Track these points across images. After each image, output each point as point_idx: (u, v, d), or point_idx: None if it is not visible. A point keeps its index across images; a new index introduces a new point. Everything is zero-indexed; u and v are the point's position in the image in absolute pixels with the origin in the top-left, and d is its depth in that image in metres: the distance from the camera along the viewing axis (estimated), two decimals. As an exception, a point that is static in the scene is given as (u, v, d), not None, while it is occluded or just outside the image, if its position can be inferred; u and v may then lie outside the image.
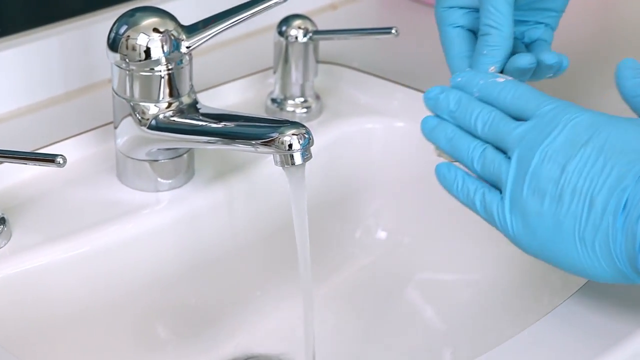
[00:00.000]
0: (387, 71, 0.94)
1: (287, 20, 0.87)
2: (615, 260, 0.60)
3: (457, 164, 0.68)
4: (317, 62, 0.88)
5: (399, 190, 0.91)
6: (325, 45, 0.92)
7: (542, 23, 0.78)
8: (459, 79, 0.69)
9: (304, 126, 0.72)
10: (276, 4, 0.77)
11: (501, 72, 0.73)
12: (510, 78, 0.68)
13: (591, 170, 0.60)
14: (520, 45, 0.78)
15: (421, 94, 0.70)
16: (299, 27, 0.86)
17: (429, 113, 0.70)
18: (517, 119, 0.65)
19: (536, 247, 0.63)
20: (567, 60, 0.75)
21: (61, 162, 0.67)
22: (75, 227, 0.76)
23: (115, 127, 0.78)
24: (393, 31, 0.84)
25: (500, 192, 0.64)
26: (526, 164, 0.63)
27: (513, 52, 0.75)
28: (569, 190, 0.61)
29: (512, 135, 0.64)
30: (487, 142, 0.66)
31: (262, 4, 0.77)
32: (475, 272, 0.88)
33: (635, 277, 0.60)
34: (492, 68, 0.72)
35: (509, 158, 0.64)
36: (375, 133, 0.91)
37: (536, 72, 0.75)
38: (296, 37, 0.86)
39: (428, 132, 0.69)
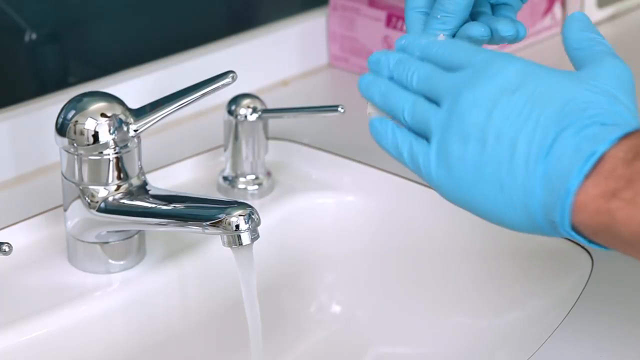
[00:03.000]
0: (338, 146, 0.95)
1: (236, 100, 0.88)
2: (531, 209, 0.59)
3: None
4: (267, 139, 0.89)
5: (351, 264, 0.92)
6: (276, 122, 0.93)
7: None
8: (403, 42, 0.68)
9: (251, 207, 0.73)
10: (224, 85, 0.78)
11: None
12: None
13: (518, 117, 0.60)
14: (485, 3, 0.75)
15: (371, 169, 0.70)
16: (248, 106, 0.87)
17: (380, 188, 0.70)
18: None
19: (458, 193, 0.62)
20: (524, 30, 0.73)
21: (7, 250, 0.67)
22: (25, 312, 0.76)
23: (65, 210, 0.79)
24: (340, 109, 0.85)
25: (429, 142, 0.64)
26: (454, 110, 0.62)
27: (474, 12, 0.73)
28: (493, 135, 0.60)
29: (445, 83, 0.63)
30: (422, 95, 0.65)
31: (209, 86, 0.78)
32: (430, 345, 0.88)
33: (548, 229, 0.60)
34: (441, 35, 0.71)
35: (440, 107, 0.63)
36: (327, 208, 0.92)
37: (492, 40, 0.73)
38: (245, 116, 0.87)
39: (364, 88, 0.67)
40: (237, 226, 0.72)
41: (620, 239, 0.56)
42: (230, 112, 0.88)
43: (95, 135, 0.75)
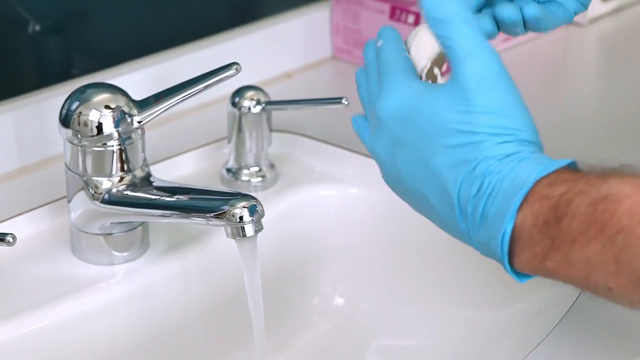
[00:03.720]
0: (341, 139, 0.95)
1: (239, 92, 0.88)
2: (472, 244, 0.62)
3: None
4: (271, 131, 0.89)
5: (355, 257, 0.92)
6: (280, 114, 0.93)
7: None
8: (379, 34, 0.68)
9: (254, 198, 0.73)
10: (227, 77, 0.78)
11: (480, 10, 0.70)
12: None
13: (416, 171, 0.61)
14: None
15: (375, 161, 0.71)
16: (252, 98, 0.87)
17: (383, 180, 0.70)
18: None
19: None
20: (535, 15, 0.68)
21: (11, 240, 0.67)
22: (29, 303, 0.76)
23: (69, 202, 0.79)
24: (343, 101, 0.85)
25: None
26: (373, 156, 0.65)
27: None
28: (410, 189, 0.62)
29: (370, 105, 0.65)
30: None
31: (213, 78, 0.78)
32: (433, 338, 0.88)
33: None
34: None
35: None
36: (330, 200, 0.92)
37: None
38: (249, 108, 0.87)
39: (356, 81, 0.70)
40: (241, 218, 0.72)
41: (570, 285, 0.59)
42: (233, 104, 0.88)
43: (99, 127, 0.75)
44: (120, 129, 0.75)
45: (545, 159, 0.59)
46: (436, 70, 0.67)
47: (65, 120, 0.76)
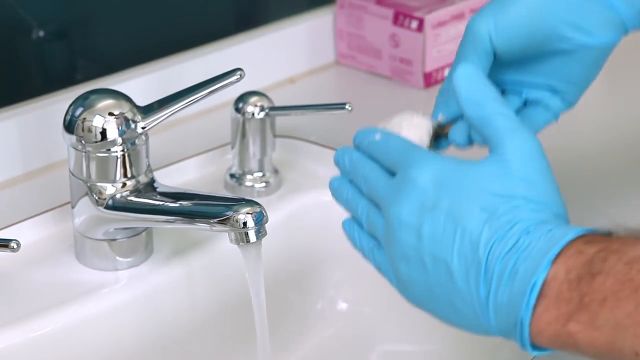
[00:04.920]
0: (345, 143, 0.94)
1: (243, 97, 0.88)
2: (487, 330, 0.59)
3: None
4: (275, 136, 0.90)
5: (358, 262, 0.91)
6: (283, 120, 0.93)
7: (543, 86, 0.73)
8: (356, 138, 0.68)
9: (258, 204, 0.73)
10: (231, 83, 0.78)
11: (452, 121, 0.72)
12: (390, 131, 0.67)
13: (443, 236, 0.59)
14: (515, 99, 0.74)
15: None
16: (255, 104, 0.88)
17: None
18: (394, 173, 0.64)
19: (419, 305, 0.63)
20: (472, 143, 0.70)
21: (15, 246, 0.67)
22: (33, 308, 0.76)
23: (73, 207, 0.79)
24: (347, 107, 0.85)
25: None
26: (388, 227, 0.62)
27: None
28: (429, 258, 0.60)
29: (381, 191, 0.63)
30: (371, 200, 0.65)
31: (217, 84, 0.78)
32: (436, 343, 0.88)
33: (518, 343, 0.59)
34: (440, 116, 0.71)
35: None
36: (334, 205, 0.90)
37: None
38: (253, 114, 0.87)
39: (333, 192, 0.69)
40: (245, 223, 0.72)
41: (588, 354, 0.56)
42: (237, 110, 0.88)
43: (103, 133, 0.75)
44: (124, 134, 0.76)
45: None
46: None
47: (69, 126, 0.76)
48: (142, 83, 0.95)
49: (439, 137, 0.72)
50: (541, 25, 0.68)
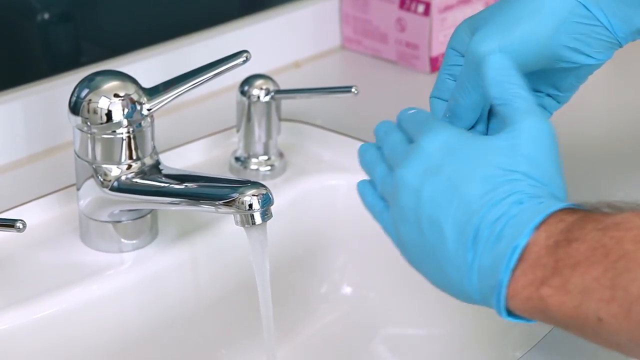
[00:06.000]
0: (350, 128, 0.95)
1: (248, 80, 0.88)
2: (469, 294, 0.61)
3: None
4: (280, 120, 0.89)
5: (363, 246, 0.92)
6: (289, 103, 0.93)
7: (539, 92, 0.75)
8: (399, 114, 0.70)
9: (264, 186, 0.73)
10: (237, 65, 0.78)
11: None
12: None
13: (442, 200, 0.61)
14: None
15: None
16: (261, 87, 0.87)
17: None
18: None
19: (413, 264, 0.65)
20: None
21: (21, 227, 0.67)
22: (38, 290, 0.76)
23: (78, 189, 0.79)
24: (353, 90, 0.85)
25: None
26: (394, 188, 0.64)
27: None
28: (425, 219, 0.62)
29: (396, 158, 0.66)
30: (389, 166, 0.67)
31: (222, 66, 0.78)
32: (440, 327, 0.88)
33: (487, 305, 0.61)
34: None
35: None
36: (339, 189, 0.92)
37: None
38: (258, 97, 0.87)
39: (359, 155, 0.71)
40: (250, 205, 0.72)
41: (555, 321, 0.58)
42: (243, 93, 0.88)
43: (109, 114, 0.75)
44: (129, 116, 0.75)
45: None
46: None
47: (75, 107, 0.76)
48: (147, 66, 0.95)
49: None
50: (545, 53, 0.70)
